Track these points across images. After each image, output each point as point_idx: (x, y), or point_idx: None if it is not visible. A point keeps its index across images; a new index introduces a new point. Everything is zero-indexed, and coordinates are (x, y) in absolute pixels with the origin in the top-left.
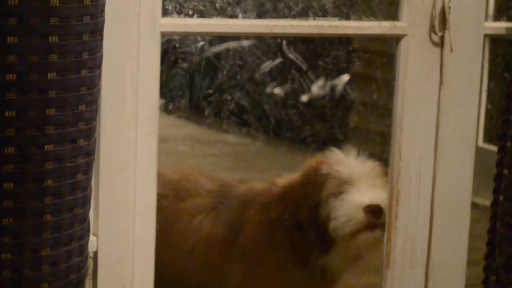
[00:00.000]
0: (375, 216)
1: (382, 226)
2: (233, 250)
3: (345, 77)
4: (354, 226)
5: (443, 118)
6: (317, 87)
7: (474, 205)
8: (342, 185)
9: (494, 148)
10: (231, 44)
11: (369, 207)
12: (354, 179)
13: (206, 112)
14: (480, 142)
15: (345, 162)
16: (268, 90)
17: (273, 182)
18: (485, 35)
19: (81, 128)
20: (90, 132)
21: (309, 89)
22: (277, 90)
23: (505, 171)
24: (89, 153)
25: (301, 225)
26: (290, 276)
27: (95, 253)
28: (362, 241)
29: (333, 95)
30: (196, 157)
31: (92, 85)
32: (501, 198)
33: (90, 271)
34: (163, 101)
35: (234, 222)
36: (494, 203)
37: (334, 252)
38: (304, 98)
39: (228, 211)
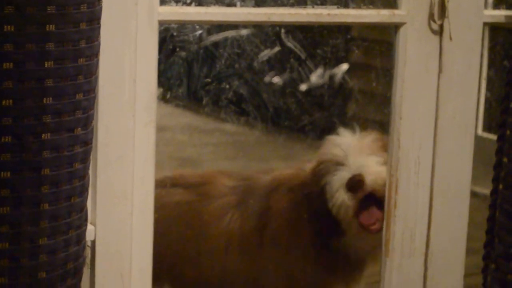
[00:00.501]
0: (358, 188)
1: (379, 226)
2: (264, 239)
3: (344, 66)
4: (345, 209)
5: (442, 107)
6: (316, 76)
7: (473, 194)
8: (337, 166)
9: (493, 137)
10: (229, 33)
11: (349, 183)
12: (348, 156)
13: (204, 101)
14: (480, 131)
15: (340, 143)
16: (266, 79)
17: (299, 167)
18: (485, 23)
19: (78, 117)
20: (87, 121)
21: (308, 78)
22: (276, 79)
23: (505, 160)
24: (87, 142)
25: (322, 209)
26: (315, 260)
27: (93, 242)
28: (365, 228)
29: (332, 84)
30: (194, 146)
31: (90, 73)
32: (500, 186)
33: (88, 260)
34: (161, 89)
35: (263, 212)
36: (494, 192)
37: (350, 235)
38: (303, 87)
39: (254, 202)
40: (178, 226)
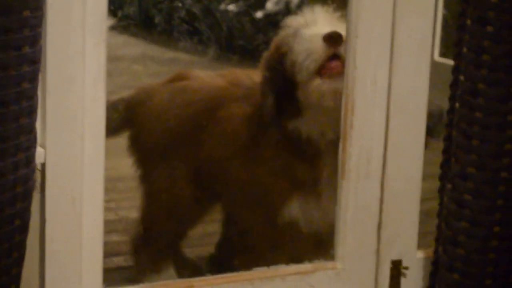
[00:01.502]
0: (335, 42)
1: (342, 63)
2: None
3: None
4: (316, 57)
5: (399, 25)
6: (272, 3)
7: None
8: (299, 31)
9: (450, 62)
10: None
11: (328, 35)
12: (312, 21)
13: (156, 20)
14: (436, 56)
15: (295, 17)
16: (222, 7)
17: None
18: None
19: (26, 35)
20: (35, 39)
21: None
22: (231, 7)
23: (461, 78)
24: (35, 61)
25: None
26: (270, 140)
27: (43, 165)
28: (325, 81)
29: (288, 9)
30: (149, 76)
31: None
32: (457, 105)
33: (37, 184)
34: (112, 8)
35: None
36: (450, 111)
37: (305, 115)
38: (259, 14)
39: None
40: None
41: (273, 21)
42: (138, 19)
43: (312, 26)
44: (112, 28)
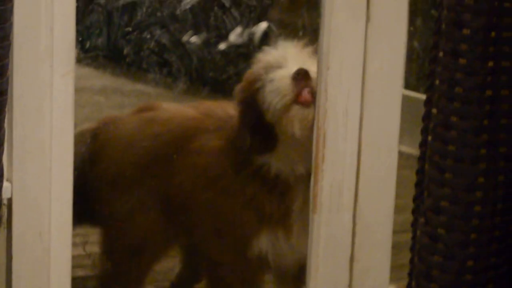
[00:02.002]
0: (304, 79)
1: (312, 98)
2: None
3: (263, 25)
4: (285, 95)
5: (370, 56)
6: (235, 35)
7: (399, 153)
8: (270, 68)
9: (418, 96)
10: None
11: (296, 73)
12: (283, 61)
13: (125, 51)
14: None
15: (271, 50)
16: (184, 38)
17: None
18: None
19: None
20: (2, 70)
21: (227, 35)
22: (194, 39)
23: (434, 110)
24: (2, 93)
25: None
26: (241, 173)
27: (10, 200)
28: (294, 114)
29: (252, 42)
30: (112, 108)
31: (3, 19)
32: (429, 138)
33: (4, 220)
34: (80, 39)
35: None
36: (423, 144)
37: (276, 150)
38: (222, 46)
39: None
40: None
41: (243, 53)
42: (107, 50)
43: (282, 63)
44: (80, 60)
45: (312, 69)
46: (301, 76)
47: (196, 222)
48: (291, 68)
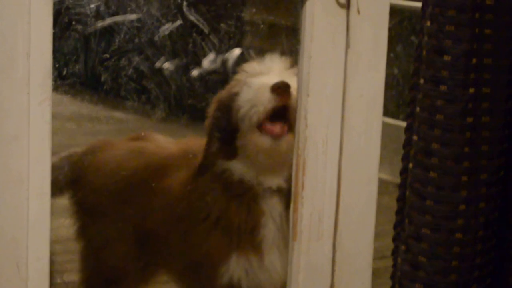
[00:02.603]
0: (283, 93)
1: (286, 127)
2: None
3: (237, 51)
4: (261, 109)
5: (350, 83)
6: (208, 61)
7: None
8: (252, 76)
9: (397, 123)
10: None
11: (276, 85)
12: (266, 72)
13: (102, 78)
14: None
15: (251, 64)
16: (157, 65)
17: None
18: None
19: None
20: None
21: (201, 62)
22: (167, 65)
23: (415, 137)
24: None
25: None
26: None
27: None
28: (262, 144)
29: (225, 69)
30: (84, 135)
31: None
32: (410, 165)
33: None
34: (57, 65)
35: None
36: (403, 171)
37: (240, 158)
38: (195, 72)
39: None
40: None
41: (221, 80)
42: (84, 76)
43: (265, 75)
44: (57, 87)
45: (293, 85)
46: (281, 89)
47: (167, 253)
48: (272, 79)
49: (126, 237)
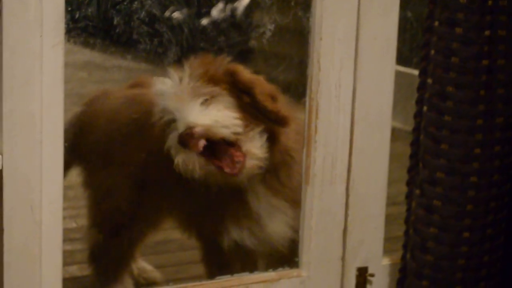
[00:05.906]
0: (190, 142)
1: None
2: None
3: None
4: (186, 166)
5: (363, 26)
6: (217, 11)
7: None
8: (169, 115)
9: (410, 71)
10: None
11: (180, 138)
12: (174, 110)
13: (115, 21)
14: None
15: (165, 89)
16: (166, 14)
17: None
18: None
19: None
20: None
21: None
22: (176, 14)
23: (429, 80)
24: None
25: None
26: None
27: (0, 171)
28: (183, 160)
29: (234, 16)
30: (95, 83)
31: None
32: (424, 108)
33: None
34: (69, 9)
35: None
36: (417, 114)
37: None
38: (204, 22)
39: None
40: None
41: (235, 23)
42: (96, 20)
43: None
44: (69, 30)
45: (197, 116)
46: (187, 141)
47: (167, 197)
48: (179, 124)
49: (128, 182)
